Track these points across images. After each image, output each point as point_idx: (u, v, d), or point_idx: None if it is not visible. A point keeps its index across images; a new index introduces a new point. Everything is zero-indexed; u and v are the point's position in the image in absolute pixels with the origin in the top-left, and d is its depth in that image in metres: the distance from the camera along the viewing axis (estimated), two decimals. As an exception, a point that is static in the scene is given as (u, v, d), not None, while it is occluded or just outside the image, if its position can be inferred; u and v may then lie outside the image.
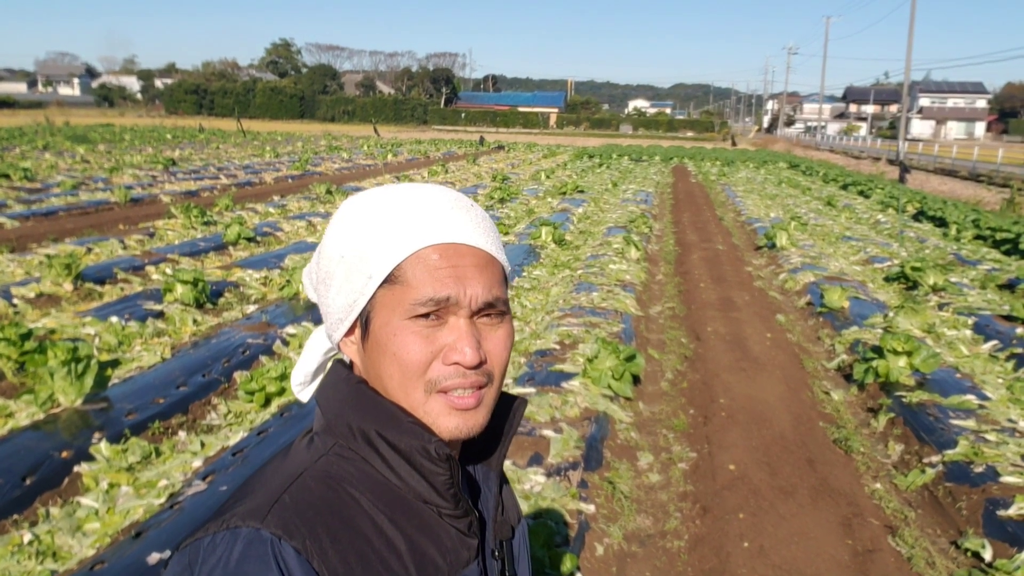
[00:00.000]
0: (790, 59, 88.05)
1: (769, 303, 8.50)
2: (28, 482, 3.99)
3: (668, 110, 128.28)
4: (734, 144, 53.56)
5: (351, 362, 0.99)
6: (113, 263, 9.09)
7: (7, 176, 17.60)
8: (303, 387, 1.08)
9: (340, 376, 0.98)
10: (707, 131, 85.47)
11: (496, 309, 0.94)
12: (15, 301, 7.41)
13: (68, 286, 7.92)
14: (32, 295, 7.62)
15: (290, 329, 6.63)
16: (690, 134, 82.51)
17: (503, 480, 1.08)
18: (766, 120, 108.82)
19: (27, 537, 3.55)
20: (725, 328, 7.33)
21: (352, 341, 0.97)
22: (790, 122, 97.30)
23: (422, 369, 0.90)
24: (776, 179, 26.01)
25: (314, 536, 0.84)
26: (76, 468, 4.25)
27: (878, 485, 4.57)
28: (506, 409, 1.02)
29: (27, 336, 5.69)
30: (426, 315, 0.90)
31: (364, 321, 0.93)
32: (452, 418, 0.92)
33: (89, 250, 9.99)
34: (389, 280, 0.90)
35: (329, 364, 1.05)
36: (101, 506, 3.95)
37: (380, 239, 0.90)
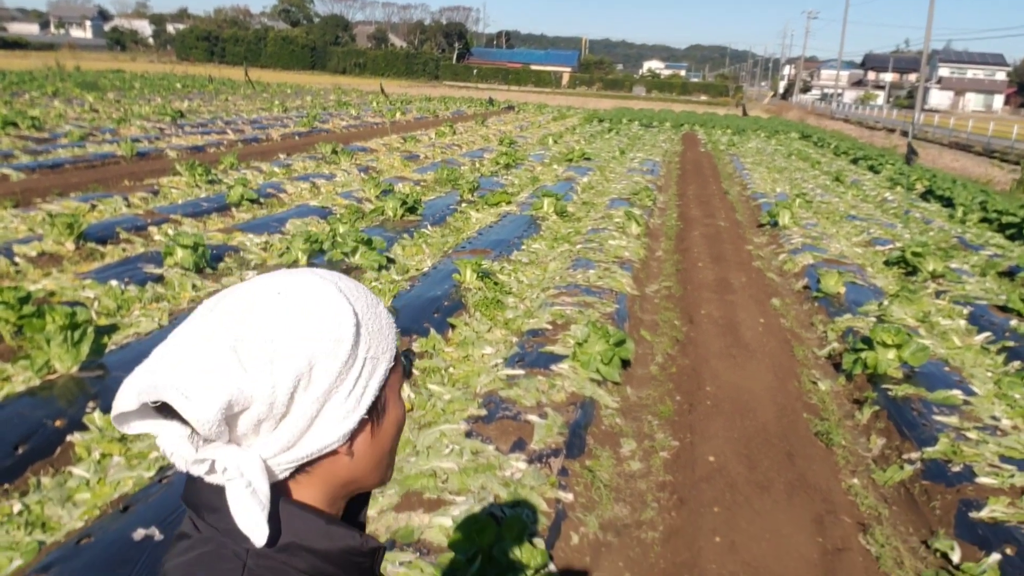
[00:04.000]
0: (809, 23, 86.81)
1: (766, 285, 8.52)
2: (20, 451, 4.08)
3: (683, 72, 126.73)
4: (745, 113, 52.74)
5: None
6: (116, 222, 9.14)
7: (15, 124, 17.58)
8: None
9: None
10: (721, 95, 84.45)
11: None
12: (17, 260, 7.48)
13: (70, 245, 7.98)
14: (34, 254, 7.68)
15: (287, 299, 6.67)
16: (704, 98, 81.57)
17: None
18: (782, 85, 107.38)
19: (17, 507, 3.65)
20: (719, 311, 7.37)
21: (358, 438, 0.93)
22: (806, 88, 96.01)
23: None
24: (786, 151, 25.78)
25: None
26: (69, 437, 4.33)
27: (855, 480, 4.64)
28: None
29: (26, 299, 5.77)
30: None
31: (379, 409, 0.94)
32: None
33: (93, 207, 10.04)
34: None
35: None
36: (92, 476, 4.04)
37: (381, 325, 0.94)
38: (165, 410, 0.83)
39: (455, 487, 3.92)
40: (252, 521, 0.84)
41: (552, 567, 3.45)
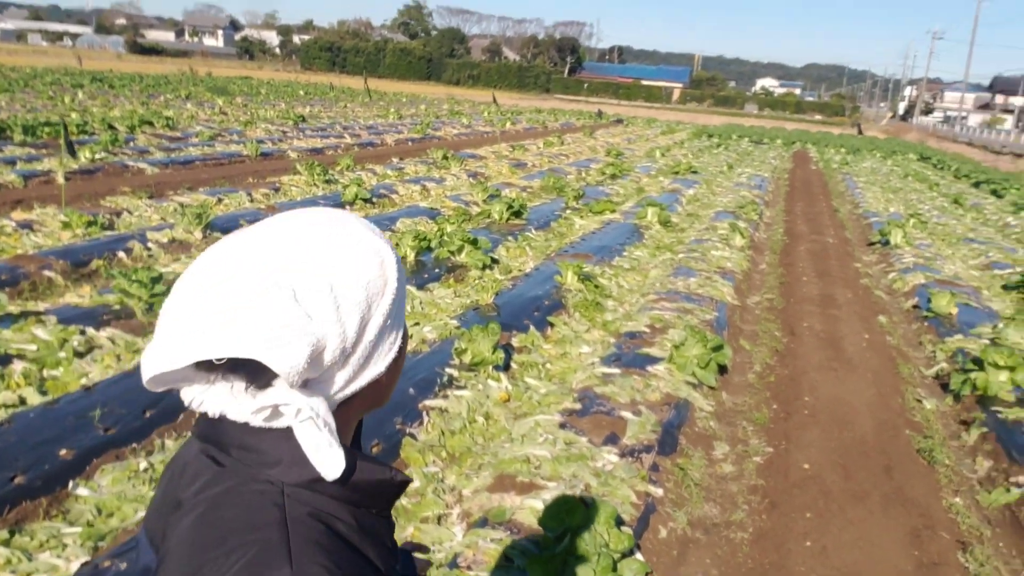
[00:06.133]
0: (934, 44, 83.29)
1: (872, 303, 8.31)
2: (148, 415, 4.42)
3: (797, 91, 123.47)
4: (860, 132, 50.80)
5: None
6: (240, 215, 9.70)
7: (151, 123, 18.85)
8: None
9: None
10: (836, 115, 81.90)
11: None
12: (150, 245, 8.06)
13: (198, 234, 8.54)
14: (165, 240, 8.25)
15: (394, 292, 6.94)
16: (818, 117, 79.24)
17: None
18: (902, 107, 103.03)
19: (143, 465, 3.97)
20: (821, 325, 7.25)
21: None
22: (928, 110, 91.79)
23: None
24: (903, 171, 24.85)
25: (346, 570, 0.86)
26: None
27: (957, 500, 4.52)
28: None
29: (157, 279, 6.24)
30: None
31: (406, 334, 1.01)
32: None
33: (219, 200, 10.69)
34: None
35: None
36: (212, 441, 4.35)
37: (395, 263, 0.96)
38: (208, 366, 0.86)
39: (547, 473, 4.05)
40: (329, 457, 0.88)
41: (639, 556, 3.53)
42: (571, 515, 3.33)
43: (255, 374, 0.86)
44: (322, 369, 0.88)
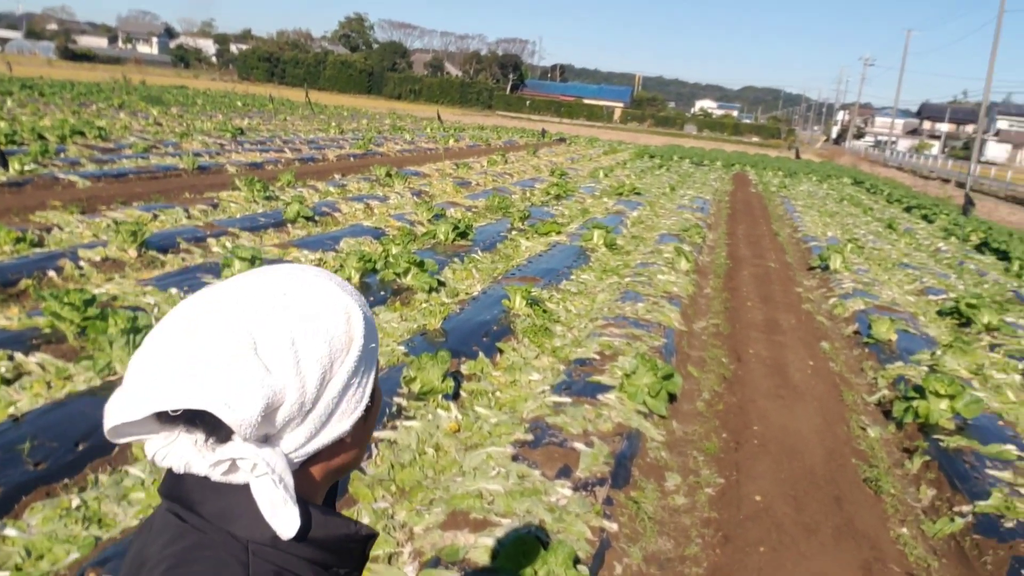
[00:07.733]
0: (866, 70, 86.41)
1: (815, 329, 8.44)
2: (80, 448, 4.20)
3: (735, 113, 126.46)
4: (798, 156, 52.32)
5: None
6: (177, 232, 9.40)
7: (82, 133, 18.23)
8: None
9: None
10: (773, 137, 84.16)
11: None
12: (82, 264, 7.73)
13: (133, 252, 8.23)
14: (98, 259, 7.93)
15: (339, 315, 6.79)
16: (755, 139, 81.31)
17: None
18: (835, 131, 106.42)
19: (75, 502, 3.75)
20: (767, 351, 7.33)
21: None
22: (860, 135, 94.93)
23: None
24: (838, 195, 25.57)
25: None
26: (127, 437, 4.45)
27: (904, 530, 4.57)
28: None
29: (90, 302, 5.96)
30: None
31: (376, 395, 1.00)
32: None
33: (155, 216, 10.34)
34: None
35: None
36: (147, 476, 4.13)
37: (373, 317, 0.99)
38: (168, 418, 0.86)
39: (501, 509, 3.95)
40: (284, 515, 0.86)
41: (594, 595, 3.45)
42: (528, 556, 3.24)
43: (214, 427, 0.86)
44: (279, 424, 0.87)
